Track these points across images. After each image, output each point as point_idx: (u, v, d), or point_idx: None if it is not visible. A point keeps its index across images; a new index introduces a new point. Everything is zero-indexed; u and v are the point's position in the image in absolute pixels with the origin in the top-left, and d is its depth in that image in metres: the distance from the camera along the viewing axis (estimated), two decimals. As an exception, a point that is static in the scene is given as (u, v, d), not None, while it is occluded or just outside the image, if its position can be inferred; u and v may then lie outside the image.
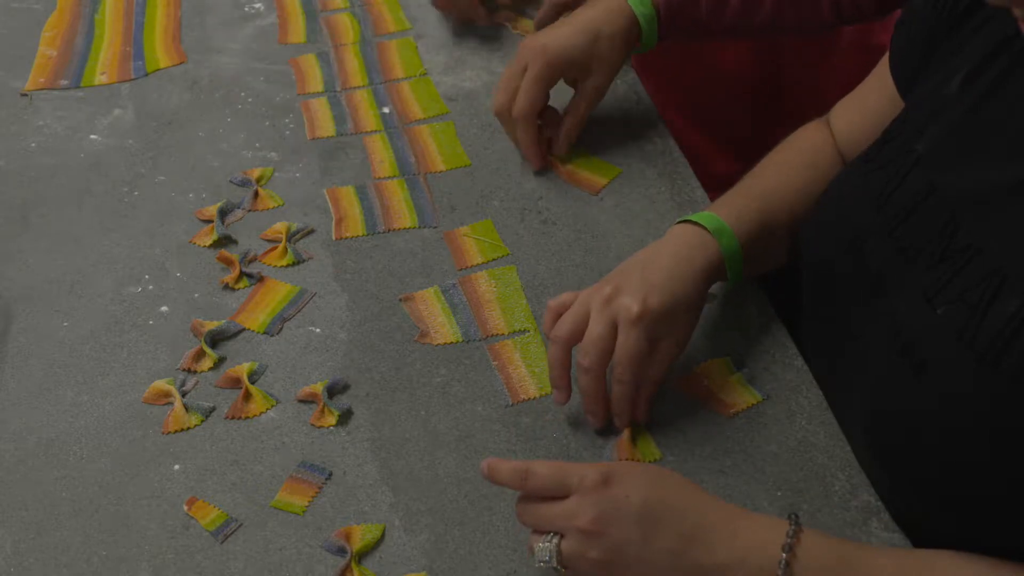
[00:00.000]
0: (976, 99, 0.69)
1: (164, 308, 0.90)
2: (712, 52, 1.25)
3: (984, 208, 0.65)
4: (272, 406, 0.82)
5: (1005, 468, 0.61)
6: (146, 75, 1.16)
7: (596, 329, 0.77)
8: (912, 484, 0.68)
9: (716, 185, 1.17)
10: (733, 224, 0.82)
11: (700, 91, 1.28)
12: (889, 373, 0.68)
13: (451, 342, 0.86)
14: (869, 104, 0.86)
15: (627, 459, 0.77)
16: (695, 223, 0.82)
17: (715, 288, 0.85)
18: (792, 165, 0.89)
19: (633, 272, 0.79)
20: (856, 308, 0.74)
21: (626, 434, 0.79)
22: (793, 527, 0.65)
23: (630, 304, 0.76)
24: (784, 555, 0.63)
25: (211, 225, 0.97)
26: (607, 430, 0.79)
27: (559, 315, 0.80)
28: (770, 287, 1.08)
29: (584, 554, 0.65)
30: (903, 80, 0.81)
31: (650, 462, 0.78)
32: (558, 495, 0.67)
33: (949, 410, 0.63)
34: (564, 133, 1.02)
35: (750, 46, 1.24)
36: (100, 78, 1.16)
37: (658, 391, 0.80)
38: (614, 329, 0.77)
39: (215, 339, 0.87)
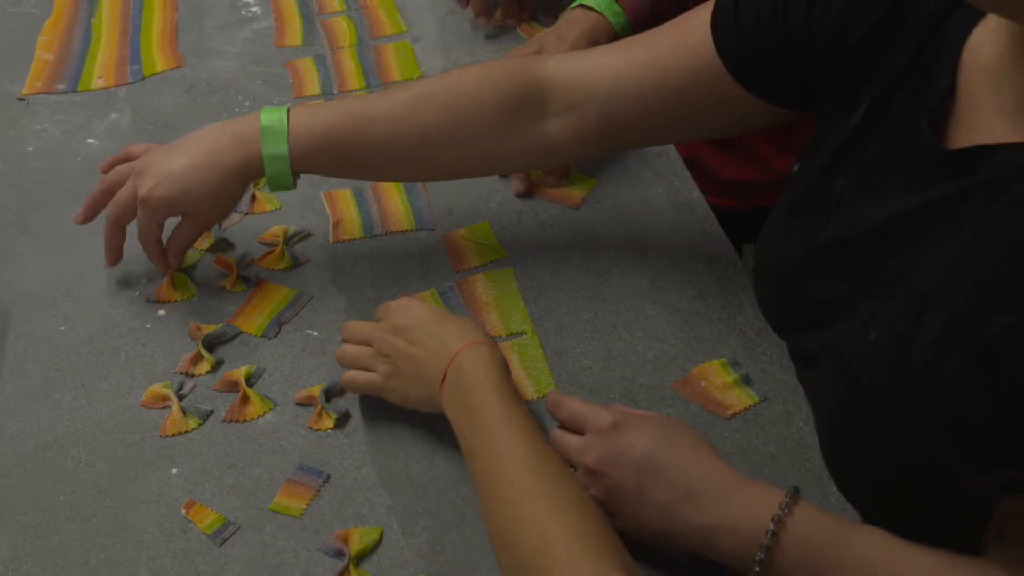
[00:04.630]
0: (885, 130, 0.68)
1: (161, 312, 0.90)
2: None
3: (905, 234, 0.65)
4: (270, 409, 0.82)
5: (951, 484, 0.60)
6: (143, 79, 1.16)
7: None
8: (867, 504, 0.68)
9: (723, 191, 1.18)
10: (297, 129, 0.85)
11: None
12: (839, 399, 0.68)
13: (449, 345, 0.86)
14: (629, 64, 0.82)
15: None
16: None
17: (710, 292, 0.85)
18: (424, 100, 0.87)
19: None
20: (805, 341, 0.75)
21: None
22: (789, 499, 0.65)
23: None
24: (772, 525, 0.64)
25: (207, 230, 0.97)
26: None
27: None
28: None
29: (587, 489, 0.69)
30: (743, 71, 0.77)
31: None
32: (576, 430, 0.73)
33: (894, 433, 0.63)
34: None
35: None
36: (97, 82, 1.16)
37: (655, 392, 0.81)
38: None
39: (213, 342, 0.87)
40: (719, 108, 0.80)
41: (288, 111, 0.85)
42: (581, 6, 1.03)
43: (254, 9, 1.26)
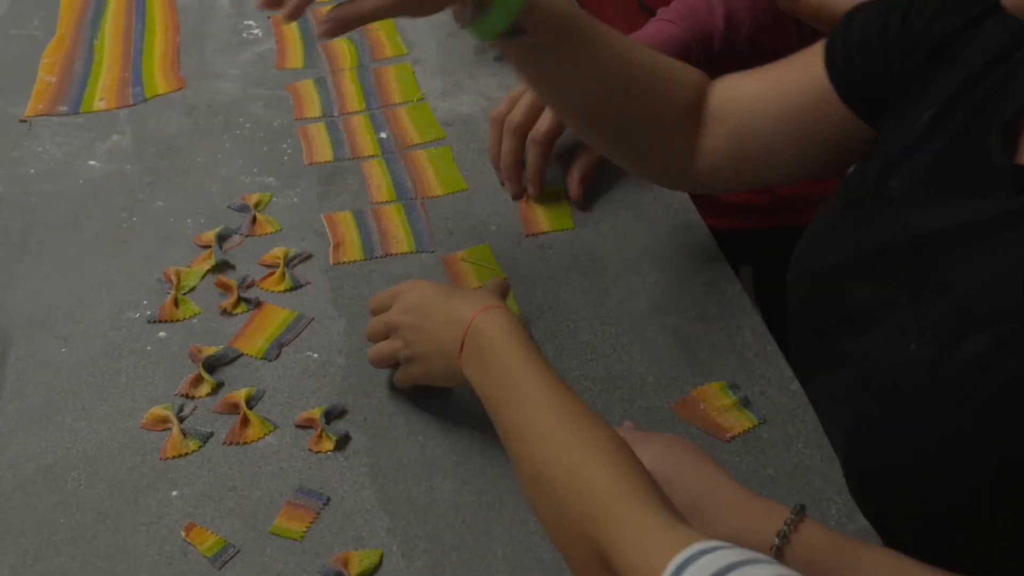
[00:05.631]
0: (948, 137, 0.69)
1: (162, 334, 0.90)
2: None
3: (954, 245, 0.65)
4: (270, 431, 0.82)
5: (977, 496, 0.61)
6: (145, 101, 1.17)
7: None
8: (886, 512, 0.68)
9: (723, 213, 1.18)
10: None
11: None
12: (865, 406, 0.68)
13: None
14: (781, 88, 0.82)
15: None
16: None
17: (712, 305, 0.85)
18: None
19: None
20: (835, 343, 0.75)
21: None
22: (795, 516, 0.65)
23: None
24: (777, 540, 0.64)
25: (209, 251, 0.97)
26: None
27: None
28: (767, 310, 1.09)
29: None
30: (848, 88, 0.78)
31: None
32: None
33: (924, 441, 0.63)
34: (578, 175, 1.01)
35: None
36: (99, 104, 1.16)
37: (655, 415, 0.81)
38: None
39: (213, 364, 0.87)
40: (830, 135, 0.79)
41: None
42: None
43: (255, 31, 1.27)
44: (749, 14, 1.04)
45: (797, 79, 0.80)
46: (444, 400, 0.84)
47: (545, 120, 0.99)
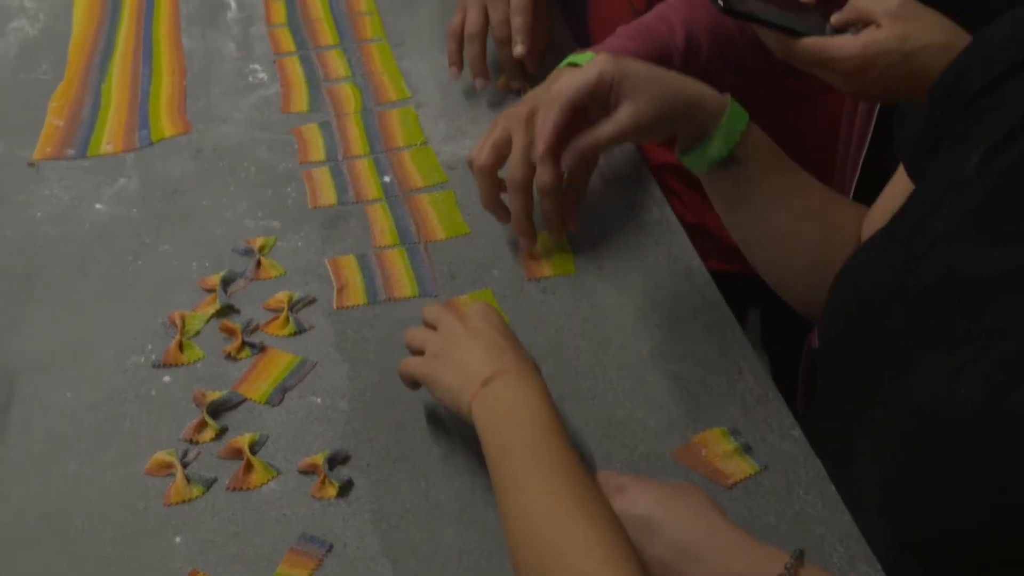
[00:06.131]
0: (997, 178, 0.69)
1: (167, 378, 0.91)
2: None
3: (1008, 290, 0.65)
4: (273, 477, 0.82)
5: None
6: (151, 144, 1.18)
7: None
8: (924, 546, 0.68)
9: (731, 257, 1.19)
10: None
11: None
12: (911, 443, 0.69)
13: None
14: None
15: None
16: None
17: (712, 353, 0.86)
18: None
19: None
20: (876, 383, 0.74)
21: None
22: (794, 560, 0.65)
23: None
24: None
25: (214, 294, 0.98)
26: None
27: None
28: (775, 352, 1.09)
29: None
30: (915, 166, 0.81)
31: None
32: None
33: (973, 479, 0.64)
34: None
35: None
36: (106, 147, 1.18)
37: (656, 461, 0.81)
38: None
39: (217, 409, 0.87)
40: None
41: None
42: (570, 64, 1.05)
43: (261, 75, 1.28)
44: (708, 37, 1.05)
45: (902, 193, 0.82)
46: (448, 445, 0.84)
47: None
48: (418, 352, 0.83)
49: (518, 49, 1.16)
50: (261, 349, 0.93)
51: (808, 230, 0.87)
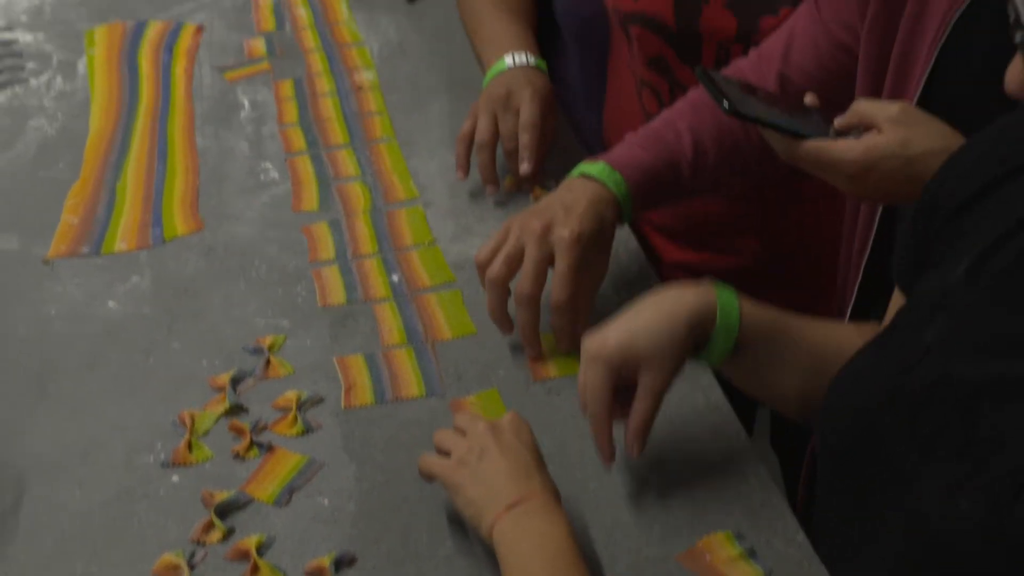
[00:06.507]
0: (986, 287, 0.70)
1: (175, 478, 0.91)
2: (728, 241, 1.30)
3: (1003, 400, 0.65)
4: (280, 580, 0.83)
5: None
6: (164, 242, 1.20)
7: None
8: None
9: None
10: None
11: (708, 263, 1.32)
12: (912, 553, 0.69)
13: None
14: None
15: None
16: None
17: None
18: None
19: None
20: (875, 491, 0.75)
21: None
22: None
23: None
24: None
25: (223, 393, 0.99)
26: None
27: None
28: (784, 451, 1.09)
29: None
30: (904, 279, 0.82)
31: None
32: None
33: None
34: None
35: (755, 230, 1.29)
36: (119, 245, 1.20)
37: (661, 564, 0.82)
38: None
39: (225, 510, 0.88)
40: None
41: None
42: (582, 175, 1.07)
43: (273, 174, 1.31)
44: (714, 143, 1.08)
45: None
46: (452, 548, 0.85)
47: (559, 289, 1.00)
48: (444, 453, 0.84)
49: (524, 167, 1.19)
50: (269, 449, 0.94)
51: (810, 376, 0.88)
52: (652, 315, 0.85)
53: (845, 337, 0.89)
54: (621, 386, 0.85)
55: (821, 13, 1.05)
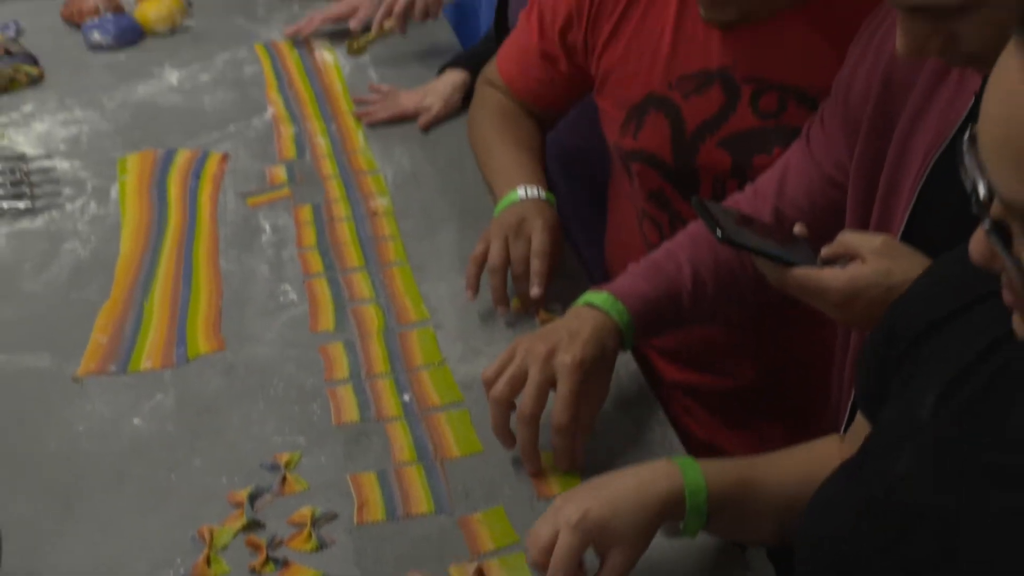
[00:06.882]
0: (955, 420, 0.72)
1: (194, 593, 0.96)
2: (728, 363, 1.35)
3: (982, 532, 0.67)
4: None
5: None
6: (187, 361, 1.26)
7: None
8: None
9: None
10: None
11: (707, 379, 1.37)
12: None
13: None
14: None
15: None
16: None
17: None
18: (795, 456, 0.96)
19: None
20: None
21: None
22: None
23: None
24: None
25: (241, 509, 1.04)
26: None
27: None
28: (778, 566, 1.13)
29: None
30: (868, 409, 0.86)
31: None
32: None
33: None
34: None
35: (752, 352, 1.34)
36: (145, 364, 1.26)
37: None
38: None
39: (241, 625, 0.92)
40: None
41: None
42: (587, 304, 1.13)
43: (292, 296, 1.38)
44: (712, 274, 1.14)
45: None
46: (458, 664, 0.88)
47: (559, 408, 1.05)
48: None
49: (535, 291, 1.25)
50: (284, 564, 0.98)
51: (784, 512, 0.92)
52: (629, 496, 0.89)
53: (816, 459, 0.94)
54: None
55: (812, 152, 1.12)
